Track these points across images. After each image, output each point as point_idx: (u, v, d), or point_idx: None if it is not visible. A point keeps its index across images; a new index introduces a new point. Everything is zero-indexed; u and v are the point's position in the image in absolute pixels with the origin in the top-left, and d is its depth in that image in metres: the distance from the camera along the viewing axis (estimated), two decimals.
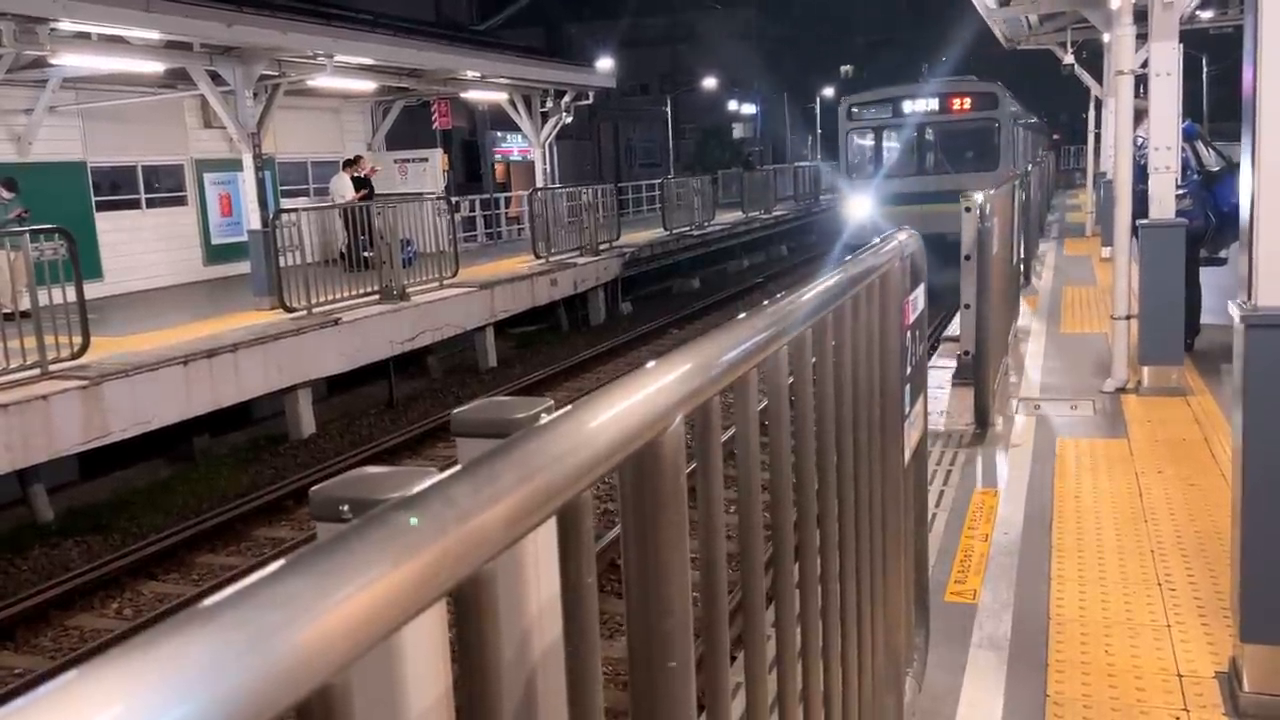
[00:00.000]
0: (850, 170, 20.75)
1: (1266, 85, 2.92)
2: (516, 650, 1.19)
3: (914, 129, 20.09)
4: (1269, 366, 2.96)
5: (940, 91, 20.16)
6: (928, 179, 19.18)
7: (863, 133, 20.83)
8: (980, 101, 19.70)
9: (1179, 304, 6.97)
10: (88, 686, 0.46)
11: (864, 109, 20.50)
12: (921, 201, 17.43)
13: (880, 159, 20.53)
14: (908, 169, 19.99)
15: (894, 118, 20.16)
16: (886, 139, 20.68)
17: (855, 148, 21.00)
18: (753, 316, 1.55)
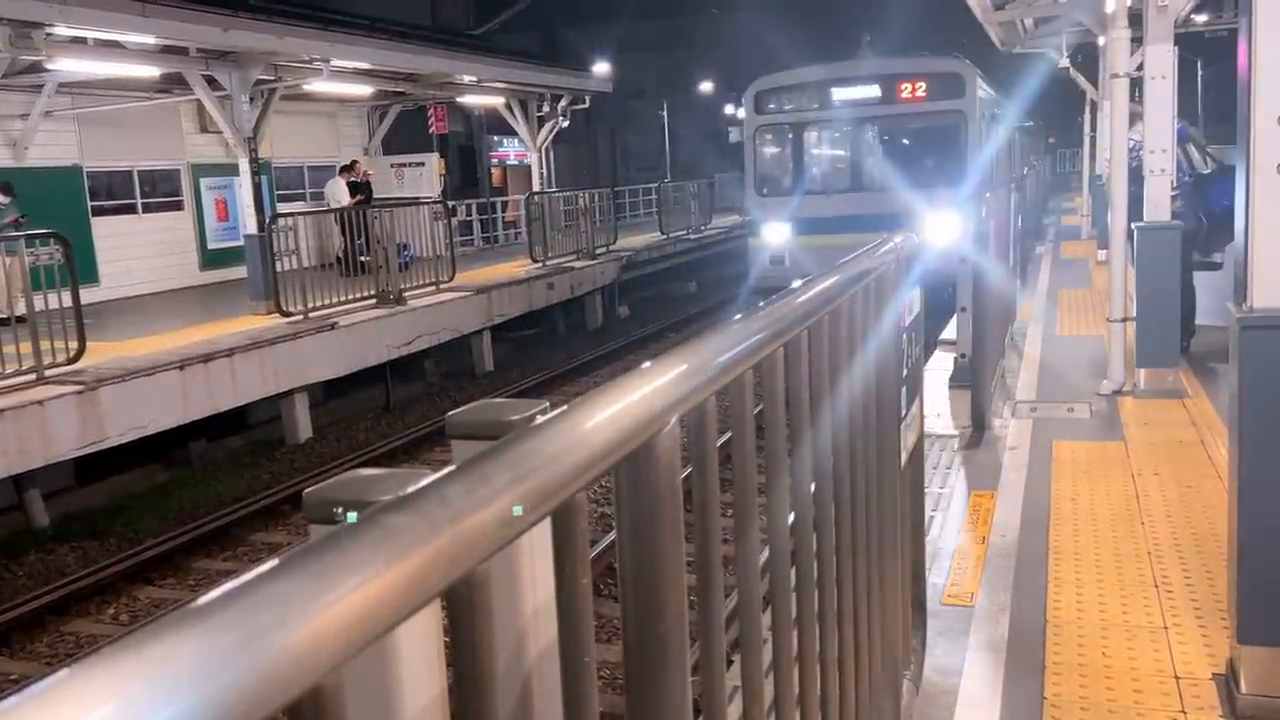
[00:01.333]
0: (759, 184, 14.89)
1: (1261, 87, 2.92)
2: (511, 652, 1.19)
3: (847, 126, 14.40)
4: (1265, 367, 2.96)
5: (882, 73, 14.16)
6: (867, 198, 13.85)
7: (776, 132, 15.07)
8: (939, 86, 13.86)
9: (1175, 306, 6.98)
10: (79, 685, 0.46)
11: (777, 98, 14.71)
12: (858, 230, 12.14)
13: (801, 170, 14.82)
14: (839, 184, 14.48)
15: (819, 110, 14.48)
16: (809, 141, 15.11)
17: (766, 153, 15.25)
18: (749, 318, 1.55)
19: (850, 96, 14.28)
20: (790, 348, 1.72)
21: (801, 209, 14.29)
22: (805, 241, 14.00)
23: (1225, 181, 7.69)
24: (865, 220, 12.65)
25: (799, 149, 15.05)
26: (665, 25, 52.91)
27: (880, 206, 13.35)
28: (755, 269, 14.64)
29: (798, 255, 13.91)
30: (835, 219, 13.79)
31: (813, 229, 14.02)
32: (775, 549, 1.71)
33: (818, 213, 14.07)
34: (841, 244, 16.14)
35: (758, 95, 14.80)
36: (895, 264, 2.61)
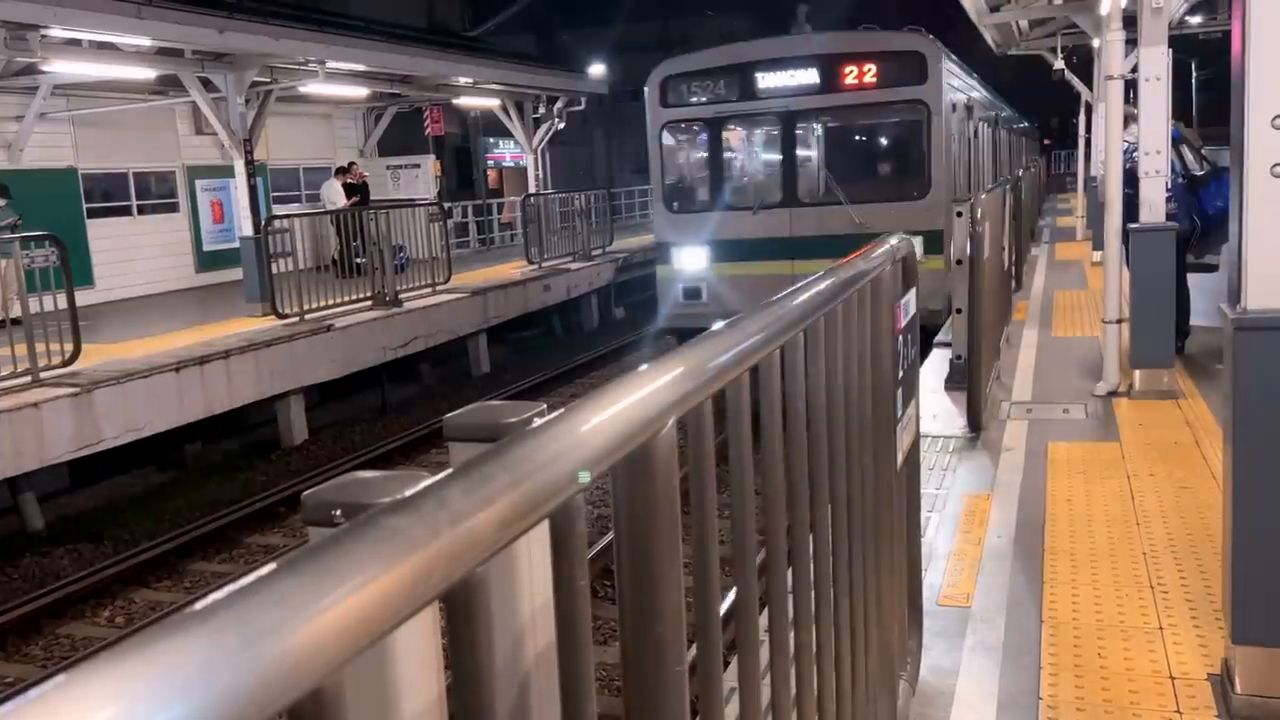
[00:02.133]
0: (669, 198, 11.95)
1: (1254, 89, 2.93)
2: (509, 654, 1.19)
3: (779, 122, 11.35)
4: (1259, 369, 2.97)
5: (821, 52, 11.05)
6: (805, 216, 11.06)
7: (689, 130, 12.11)
8: (894, 68, 10.77)
9: (1169, 308, 7.00)
10: (80, 688, 0.46)
11: (689, 87, 11.62)
12: (794, 254, 10.52)
13: (721, 179, 11.83)
14: (769, 197, 11.45)
15: (742, 101, 11.39)
16: (731, 142, 12.19)
17: (676, 158, 12.37)
18: (745, 320, 1.56)
19: (781, 83, 11.10)
20: (787, 350, 1.73)
21: (723, 229, 11.28)
22: (728, 271, 11.19)
23: (1220, 183, 7.72)
24: (803, 244, 10.63)
25: (718, 152, 11.81)
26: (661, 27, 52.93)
27: (821, 225, 10.71)
28: (665, 306, 11.70)
29: (719, 289, 11.16)
30: (766, 242, 11.04)
31: (737, 254, 11.18)
32: (772, 550, 1.71)
33: (743, 234, 11.16)
34: (774, 273, 10.65)
35: (665, 83, 11.68)
36: (891, 266, 2.61)
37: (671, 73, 11.78)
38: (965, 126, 13.03)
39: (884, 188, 11.37)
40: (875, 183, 11.59)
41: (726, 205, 11.59)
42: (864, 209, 10.71)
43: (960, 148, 12.47)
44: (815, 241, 10.61)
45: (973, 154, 14.36)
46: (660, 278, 11.98)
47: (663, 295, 11.88)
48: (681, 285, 11.62)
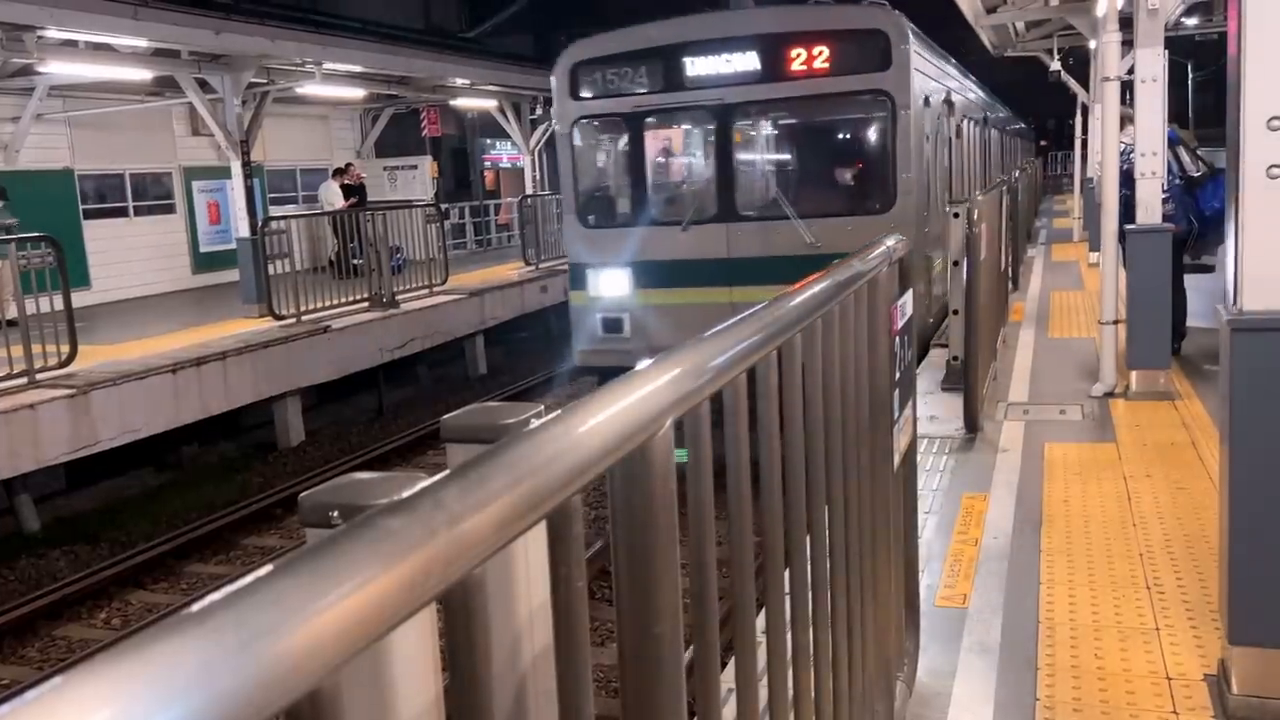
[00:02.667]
0: (583, 210, 9.85)
1: (1250, 90, 2.94)
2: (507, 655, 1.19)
3: (709, 119, 9.36)
4: (1255, 370, 2.98)
5: (762, 32, 9.04)
6: (744, 232, 9.11)
7: (606, 128, 9.98)
8: (851, 51, 8.81)
9: (1165, 309, 7.01)
10: (77, 690, 0.46)
11: (604, 74, 9.50)
12: (734, 280, 8.85)
13: (644, 187, 9.80)
14: (703, 210, 9.37)
15: (666, 92, 9.32)
16: (656, 143, 10.12)
17: (591, 162, 10.25)
18: (742, 321, 1.56)
19: (714, 70, 9.04)
20: (784, 351, 1.73)
21: (647, 248, 9.26)
22: (654, 299, 9.27)
23: (1216, 184, 7.74)
24: (744, 267, 8.86)
25: (639, 154, 9.68)
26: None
27: (766, 244, 8.88)
28: (581, 339, 9.74)
29: (644, 320, 9.33)
30: (698, 264, 9.10)
31: (665, 279, 9.24)
32: (769, 551, 1.71)
33: (672, 254, 9.19)
34: (709, 303, 9.02)
35: (575, 70, 9.50)
36: (888, 268, 2.62)
37: (582, 58, 9.51)
38: (944, 124, 11.04)
39: (841, 199, 9.39)
40: (830, 192, 9.53)
41: (651, 220, 9.47)
42: (817, 225, 8.75)
43: (937, 150, 10.45)
44: (758, 264, 8.79)
45: (955, 157, 12.28)
46: (574, 306, 9.86)
47: (578, 326, 9.81)
48: (600, 315, 9.57)
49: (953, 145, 12.00)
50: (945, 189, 11.24)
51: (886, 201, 8.81)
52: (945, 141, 11.31)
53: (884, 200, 8.86)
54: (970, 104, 14.57)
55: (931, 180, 10.01)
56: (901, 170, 8.75)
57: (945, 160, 11.31)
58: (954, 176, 12.19)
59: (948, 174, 11.60)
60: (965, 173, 13.52)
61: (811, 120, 9.86)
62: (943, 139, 11.06)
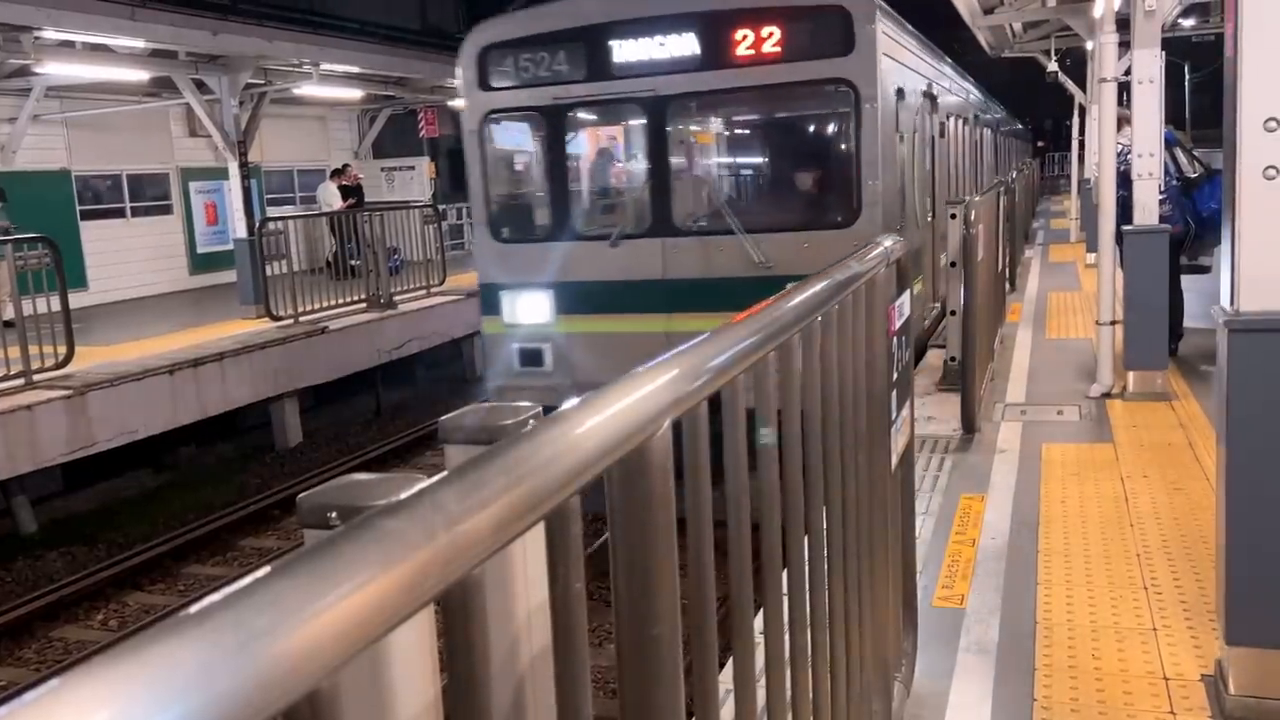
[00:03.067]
0: (495, 222, 8.52)
1: (1247, 91, 2.95)
2: (505, 656, 1.19)
3: (641, 114, 8.07)
4: (1252, 370, 2.98)
5: (703, 10, 7.78)
6: (682, 249, 7.86)
7: (522, 124, 8.69)
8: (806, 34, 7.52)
9: (1163, 309, 7.02)
10: (75, 691, 0.46)
11: (519, 60, 8.20)
12: (668, 306, 7.77)
13: (566, 195, 8.48)
14: (636, 222, 8.20)
15: (590, 82, 8.04)
16: (576, 141, 8.73)
17: (504, 164, 8.98)
18: (740, 322, 1.56)
19: (647, 56, 7.74)
20: (781, 352, 1.73)
21: (570, 267, 8.01)
22: (579, 326, 8.04)
23: (1214, 185, 7.75)
24: (682, 290, 7.68)
25: (560, 156, 8.30)
26: None
27: (707, 264, 7.68)
28: (495, 373, 8.44)
29: (568, 351, 8.11)
30: (630, 287, 7.89)
31: (591, 304, 8.01)
32: (767, 552, 1.71)
33: (599, 274, 7.96)
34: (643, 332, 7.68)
35: (484, 56, 8.17)
36: (885, 268, 2.62)
37: (492, 41, 8.13)
38: (924, 122, 9.72)
39: (796, 210, 8.04)
40: (783, 203, 8.25)
41: (575, 234, 8.14)
42: (767, 241, 7.51)
43: (916, 151, 9.16)
44: (698, 288, 7.62)
45: (940, 160, 11.00)
46: (487, 334, 8.52)
47: (491, 358, 8.48)
48: (516, 345, 8.28)
49: (936, 146, 10.65)
50: (927, 196, 9.93)
51: (850, 214, 7.47)
52: (926, 141, 10.00)
53: (847, 212, 7.53)
54: (958, 100, 13.24)
55: (908, 187, 8.64)
56: (868, 176, 7.37)
57: (926, 163, 10.01)
58: (938, 182, 10.82)
59: (929, 179, 10.23)
60: (953, 177, 12.20)
61: (761, 116, 8.60)
62: (923, 139, 9.76)
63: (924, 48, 10.09)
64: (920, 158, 9.53)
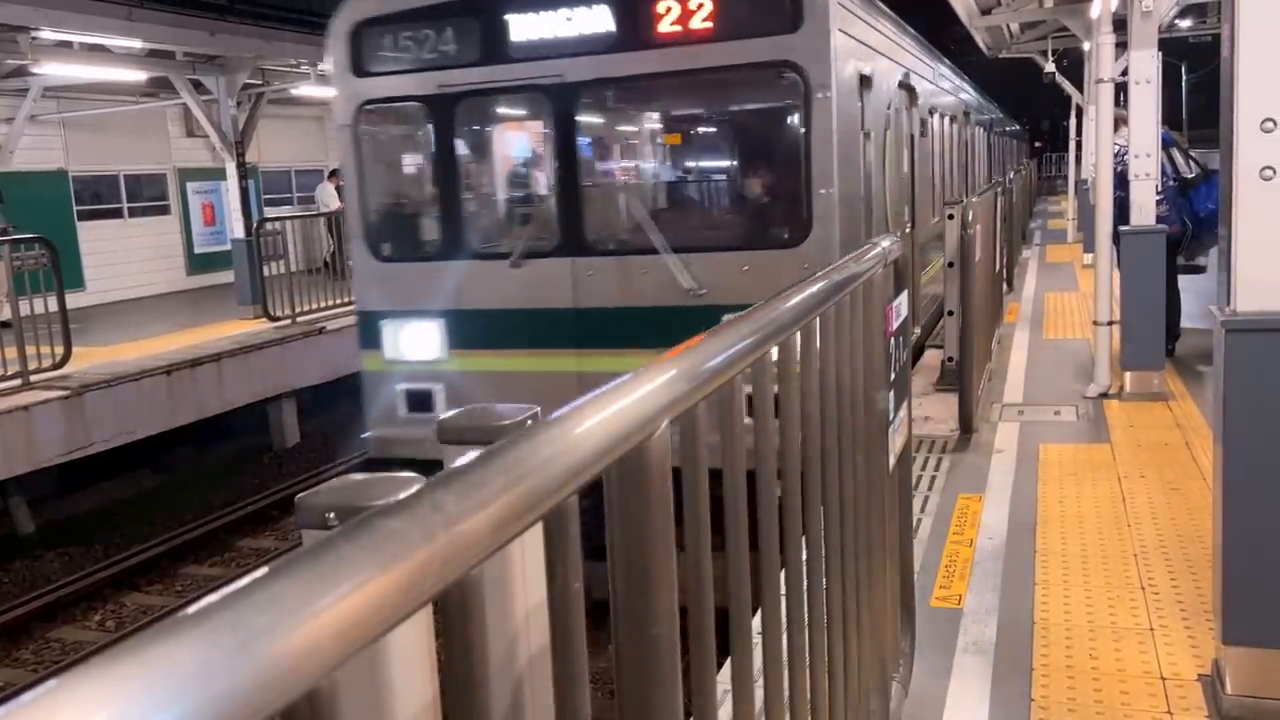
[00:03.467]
0: (374, 236, 7.16)
1: (1244, 92, 2.95)
2: (503, 656, 1.19)
3: (546, 106, 6.66)
4: (1248, 370, 2.98)
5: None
6: (596, 271, 6.56)
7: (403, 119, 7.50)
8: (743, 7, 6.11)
9: (1160, 309, 7.03)
10: (73, 692, 0.46)
11: (399, 40, 6.87)
12: (581, 341, 6.59)
13: (454, 203, 7.06)
14: (535, 238, 6.79)
15: (483, 65, 6.62)
16: (468, 138, 7.27)
17: (382, 164, 7.66)
18: (738, 323, 1.56)
19: (550, 32, 6.46)
20: (780, 352, 1.73)
21: (465, 293, 6.74)
22: (476, 365, 6.77)
23: (1210, 185, 7.76)
24: (597, 322, 6.41)
25: (449, 157, 6.93)
26: None
27: (627, 291, 6.41)
28: (377, 419, 7.05)
29: (464, 395, 6.72)
30: (535, 317, 6.60)
31: (489, 337, 6.72)
32: (765, 552, 1.71)
33: (497, 301, 6.68)
34: (551, 371, 6.34)
35: (357, 34, 6.93)
36: (883, 269, 2.62)
37: (368, 16, 6.86)
38: (900, 117, 8.47)
39: (733, 225, 6.87)
40: (719, 216, 7.13)
41: (469, 251, 6.80)
42: (699, 263, 6.21)
43: (886, 152, 7.72)
44: (616, 319, 6.37)
45: (921, 163, 9.67)
46: (367, 372, 7.11)
47: (372, 402, 7.06)
48: (401, 387, 6.94)
49: (916, 146, 9.30)
50: (905, 203, 8.59)
51: (798, 229, 6.10)
52: (903, 140, 8.64)
53: (795, 227, 6.15)
54: (944, 93, 11.78)
55: (876, 194, 7.28)
56: (820, 184, 5.99)
57: (904, 165, 8.72)
58: (920, 187, 9.44)
59: (907, 184, 8.80)
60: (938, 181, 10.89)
61: (692, 108, 7.16)
62: (899, 137, 8.37)
63: (899, 30, 8.80)
64: (895, 159, 8.18)
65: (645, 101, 7.09)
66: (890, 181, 7.90)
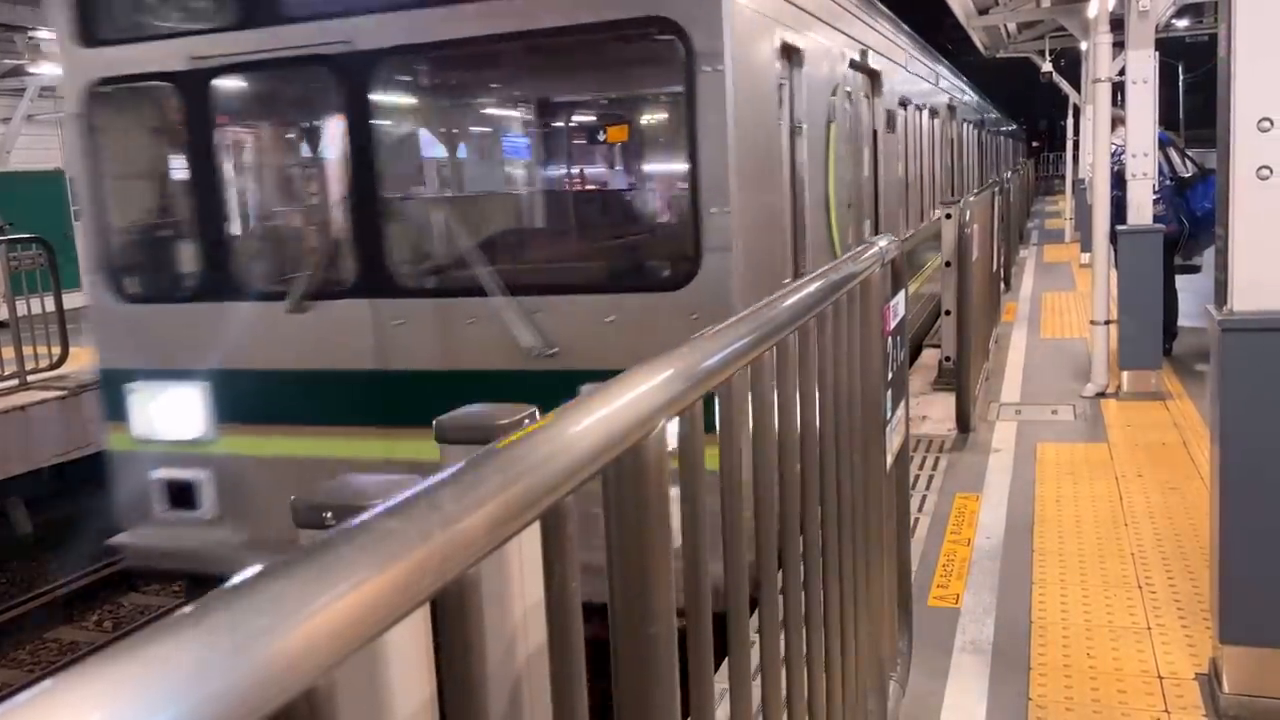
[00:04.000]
0: (115, 263, 5.37)
1: (1240, 92, 2.95)
2: (501, 655, 1.19)
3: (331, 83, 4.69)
4: (1245, 370, 2.99)
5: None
6: (404, 320, 4.69)
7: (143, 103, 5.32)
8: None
9: (1157, 309, 7.04)
10: (72, 691, 0.46)
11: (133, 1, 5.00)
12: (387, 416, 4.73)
13: (213, 222, 5.07)
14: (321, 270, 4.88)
15: (244, 28, 4.73)
16: (231, 130, 5.44)
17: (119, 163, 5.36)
18: (735, 322, 1.56)
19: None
20: (777, 351, 1.73)
21: (234, 348, 5.04)
22: (250, 447, 5.12)
23: (1207, 185, 7.77)
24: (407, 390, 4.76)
25: (206, 156, 5.11)
26: None
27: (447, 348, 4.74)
28: (127, 514, 5.37)
29: (237, 487, 5.14)
30: (325, 383, 4.94)
31: (267, 409, 5.09)
32: (762, 552, 1.72)
33: (276, 358, 5.01)
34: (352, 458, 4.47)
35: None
36: (880, 268, 2.62)
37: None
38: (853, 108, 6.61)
39: (594, 257, 5.27)
40: (574, 244, 5.48)
41: (239, 290, 5.10)
42: (548, 309, 4.54)
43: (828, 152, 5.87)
44: (435, 386, 4.71)
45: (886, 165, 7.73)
46: (113, 454, 5.43)
47: (121, 491, 5.39)
48: (160, 475, 5.21)
49: (880, 144, 7.42)
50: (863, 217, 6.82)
51: (681, 265, 4.41)
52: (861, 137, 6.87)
53: (676, 261, 4.53)
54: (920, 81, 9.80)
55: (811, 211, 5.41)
56: (710, 198, 4.23)
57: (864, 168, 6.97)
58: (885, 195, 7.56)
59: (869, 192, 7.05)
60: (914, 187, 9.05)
61: (533, 90, 5.36)
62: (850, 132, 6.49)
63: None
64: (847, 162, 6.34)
65: (468, 80, 5.14)
66: (837, 192, 5.90)
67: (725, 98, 4.15)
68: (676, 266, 4.48)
